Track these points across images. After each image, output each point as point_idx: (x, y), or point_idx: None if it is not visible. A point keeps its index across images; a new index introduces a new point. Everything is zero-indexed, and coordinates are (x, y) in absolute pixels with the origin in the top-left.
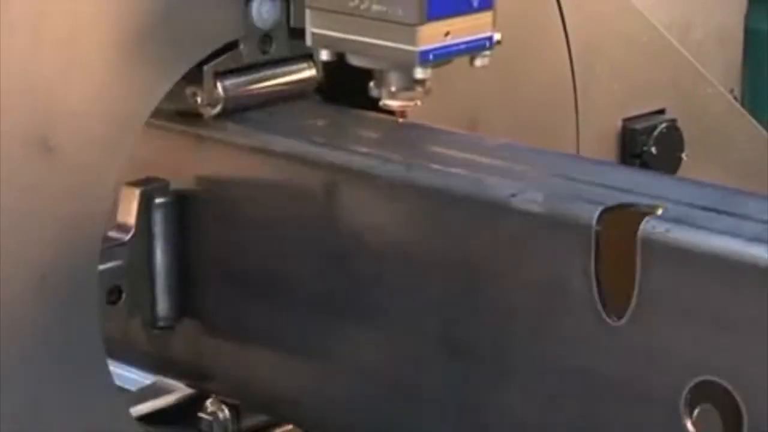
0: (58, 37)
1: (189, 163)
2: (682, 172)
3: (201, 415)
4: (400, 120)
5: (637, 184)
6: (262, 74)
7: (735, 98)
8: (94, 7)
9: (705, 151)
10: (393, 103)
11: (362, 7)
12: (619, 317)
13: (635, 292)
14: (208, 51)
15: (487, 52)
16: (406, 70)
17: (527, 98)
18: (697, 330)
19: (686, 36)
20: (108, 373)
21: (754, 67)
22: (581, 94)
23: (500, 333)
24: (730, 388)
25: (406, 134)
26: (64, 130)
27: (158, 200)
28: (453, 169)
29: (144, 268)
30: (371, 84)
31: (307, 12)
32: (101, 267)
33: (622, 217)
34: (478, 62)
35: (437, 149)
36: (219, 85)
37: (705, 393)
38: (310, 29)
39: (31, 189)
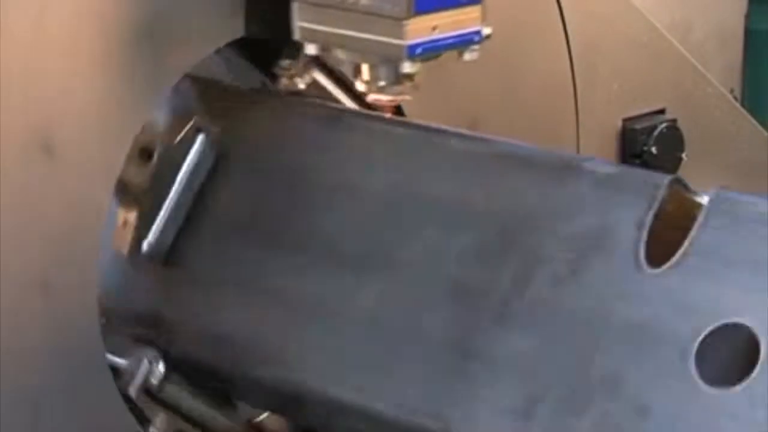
0: (58, 40)
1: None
2: (682, 172)
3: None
4: (388, 115)
5: None
6: None
7: (735, 98)
8: (94, 9)
9: (705, 151)
10: (382, 98)
11: (349, 0)
12: (658, 266)
13: (683, 247)
14: (207, 51)
15: (476, 47)
16: (394, 64)
17: (527, 98)
18: (733, 277)
19: (686, 36)
20: (108, 374)
21: (754, 67)
22: (581, 94)
23: (526, 276)
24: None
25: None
26: (64, 132)
27: (202, 136)
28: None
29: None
30: (357, 79)
31: (294, 5)
32: None
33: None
34: (467, 56)
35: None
36: None
37: (721, 336)
38: (297, 23)
39: (31, 191)
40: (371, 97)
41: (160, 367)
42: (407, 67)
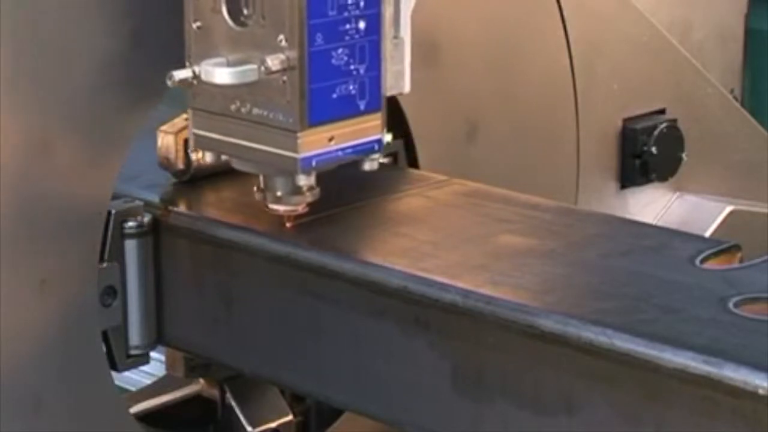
0: (58, 40)
1: None
2: (682, 172)
3: None
4: (288, 224)
5: None
6: None
7: (735, 98)
8: (94, 11)
9: (705, 151)
10: (279, 208)
11: (243, 110)
12: None
13: None
14: None
15: (376, 155)
16: (289, 176)
17: (527, 99)
18: None
19: (686, 36)
20: (108, 373)
21: (754, 67)
22: (581, 94)
23: None
24: None
25: None
26: (63, 133)
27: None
28: None
29: None
30: (255, 188)
31: (190, 112)
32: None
33: None
34: (367, 166)
35: None
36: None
37: None
38: (192, 130)
39: (31, 191)
40: (268, 207)
41: None
42: (302, 180)
